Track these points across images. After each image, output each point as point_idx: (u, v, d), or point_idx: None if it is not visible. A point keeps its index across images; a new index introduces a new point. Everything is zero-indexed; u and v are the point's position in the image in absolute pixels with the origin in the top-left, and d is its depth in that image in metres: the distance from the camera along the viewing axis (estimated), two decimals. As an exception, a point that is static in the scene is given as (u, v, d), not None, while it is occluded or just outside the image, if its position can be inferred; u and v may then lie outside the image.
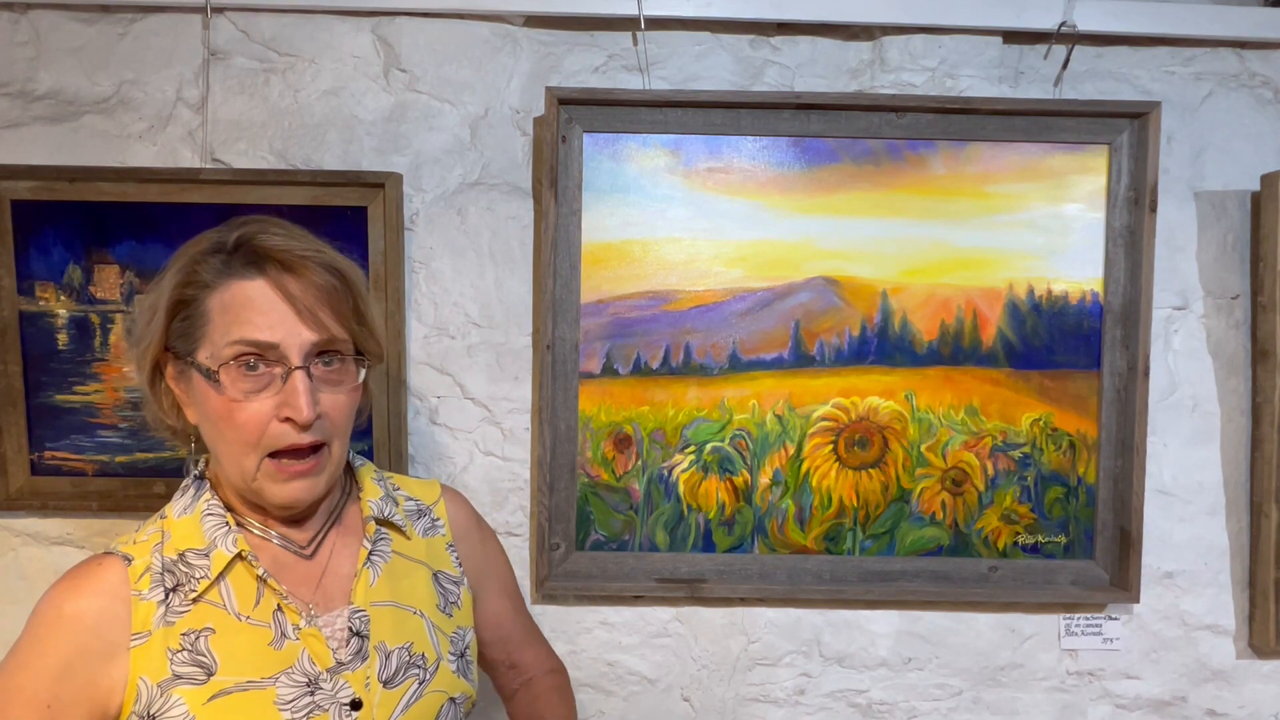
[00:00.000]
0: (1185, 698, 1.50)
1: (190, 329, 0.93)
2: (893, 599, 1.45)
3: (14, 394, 1.39)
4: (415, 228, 1.44)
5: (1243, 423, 1.49)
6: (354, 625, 0.97)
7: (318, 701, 0.93)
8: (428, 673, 1.00)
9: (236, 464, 0.94)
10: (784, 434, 1.44)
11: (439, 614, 1.06)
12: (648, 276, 1.42)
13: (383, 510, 1.06)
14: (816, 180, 1.42)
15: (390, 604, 1.01)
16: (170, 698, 0.89)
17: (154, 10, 1.40)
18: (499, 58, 1.43)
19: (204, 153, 1.42)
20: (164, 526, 0.98)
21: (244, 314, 0.91)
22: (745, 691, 1.48)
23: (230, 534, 0.96)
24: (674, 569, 1.44)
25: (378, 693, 0.96)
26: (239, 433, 0.92)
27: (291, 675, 0.93)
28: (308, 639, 0.95)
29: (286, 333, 0.91)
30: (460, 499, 1.19)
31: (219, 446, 0.95)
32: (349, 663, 0.96)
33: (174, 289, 0.93)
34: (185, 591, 0.93)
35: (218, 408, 0.92)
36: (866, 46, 1.45)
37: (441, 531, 1.13)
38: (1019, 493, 1.45)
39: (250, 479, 0.94)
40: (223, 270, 0.93)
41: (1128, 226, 1.42)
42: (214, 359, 0.91)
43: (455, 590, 1.10)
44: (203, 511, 0.98)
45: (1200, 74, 1.48)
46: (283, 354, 0.92)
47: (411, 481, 1.16)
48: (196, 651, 0.91)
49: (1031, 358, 1.44)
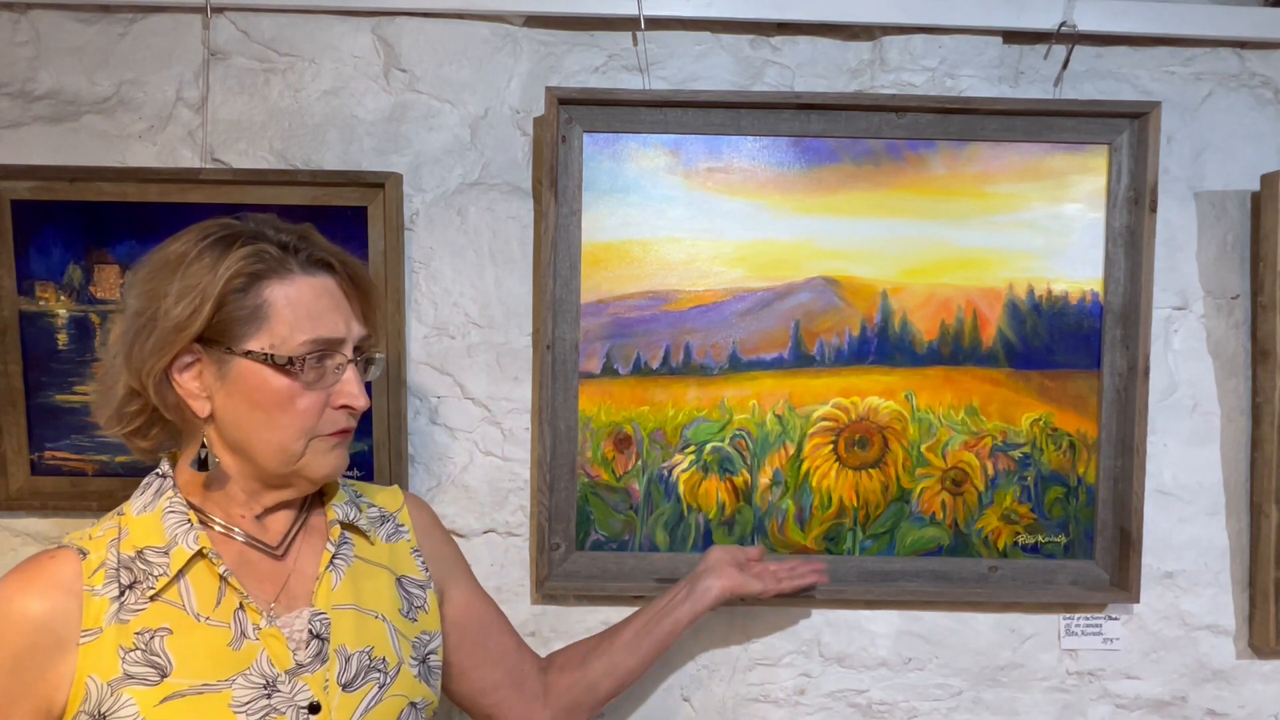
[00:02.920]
0: (1185, 698, 1.50)
1: (238, 318, 0.93)
2: (893, 599, 1.45)
3: (14, 394, 1.39)
4: (415, 228, 1.44)
5: (1243, 423, 1.49)
6: (314, 628, 0.97)
7: (274, 704, 0.92)
8: (388, 676, 0.99)
9: (284, 448, 0.96)
10: (784, 434, 1.44)
11: (402, 619, 1.05)
12: (648, 276, 1.42)
13: (347, 515, 1.06)
14: (816, 180, 1.42)
15: (352, 607, 1.01)
16: (121, 697, 0.88)
17: (154, 10, 1.40)
18: (499, 58, 1.43)
19: (204, 153, 1.42)
20: (122, 523, 0.97)
21: (316, 308, 0.96)
22: (745, 691, 1.48)
23: (191, 531, 0.96)
24: (674, 569, 1.44)
25: (336, 696, 0.95)
26: (299, 418, 0.95)
27: (249, 677, 0.92)
28: (268, 639, 0.94)
29: (348, 328, 0.99)
30: (422, 504, 1.21)
31: (263, 433, 0.95)
32: (308, 665, 0.95)
33: (230, 276, 0.92)
34: (142, 589, 0.93)
35: (278, 395, 0.94)
36: (866, 46, 1.45)
37: (406, 536, 1.13)
38: (1019, 493, 1.45)
39: (296, 460, 0.97)
40: (284, 261, 0.95)
41: (1128, 226, 1.42)
42: (280, 348, 0.93)
43: (421, 594, 1.10)
44: (164, 509, 0.97)
45: (1200, 74, 1.48)
46: (342, 345, 0.98)
47: (375, 489, 1.18)
48: (151, 651, 0.91)
49: (1031, 358, 1.44)
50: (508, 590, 1.46)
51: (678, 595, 1.28)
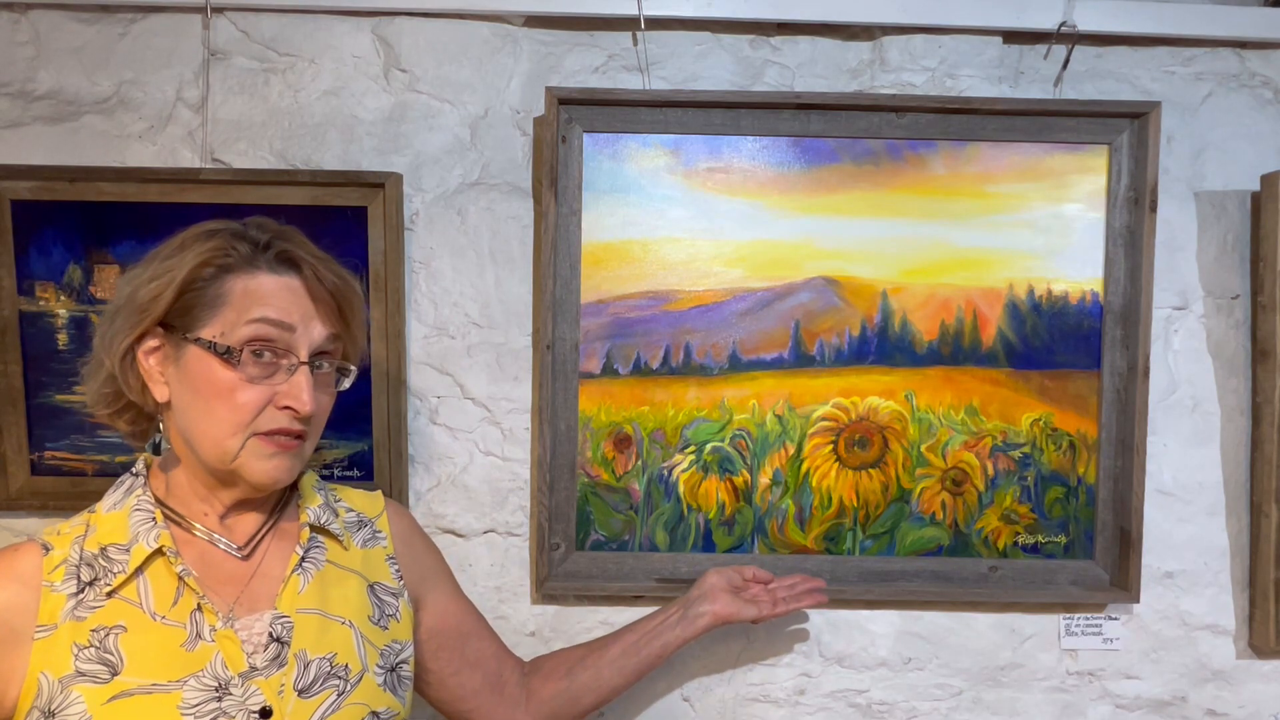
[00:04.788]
0: (1185, 698, 1.50)
1: (197, 305, 0.94)
2: (893, 599, 1.45)
3: (14, 394, 1.39)
4: (415, 228, 1.44)
5: (1243, 423, 1.49)
6: (275, 631, 0.96)
7: (224, 708, 0.91)
8: (349, 684, 0.98)
9: (219, 443, 0.95)
10: (784, 434, 1.44)
11: (371, 625, 1.04)
12: (648, 276, 1.42)
13: (319, 518, 1.06)
14: (816, 180, 1.42)
15: (317, 612, 1.00)
16: (70, 695, 0.88)
17: (154, 10, 1.40)
18: (499, 58, 1.43)
19: (204, 153, 1.42)
20: (90, 520, 0.98)
21: (269, 300, 0.95)
22: (745, 691, 1.48)
23: (154, 530, 0.96)
24: (674, 569, 1.44)
25: (291, 701, 0.93)
26: (235, 412, 0.94)
27: (201, 679, 0.91)
28: (223, 641, 0.93)
29: (302, 323, 0.96)
30: (403, 511, 1.20)
31: (202, 424, 0.95)
32: (264, 669, 0.94)
33: (195, 265, 0.94)
34: (101, 586, 0.93)
35: (218, 385, 0.93)
36: (866, 46, 1.45)
37: (383, 543, 1.12)
38: (1019, 493, 1.45)
39: (231, 458, 0.95)
40: (252, 259, 0.96)
41: (1128, 226, 1.43)
42: (226, 337, 0.93)
43: (393, 603, 1.08)
44: (131, 507, 0.98)
45: (1200, 74, 1.48)
46: (293, 345, 0.96)
47: (355, 493, 1.16)
48: (104, 649, 0.90)
49: (1031, 358, 1.44)
50: (507, 590, 1.46)
51: (670, 618, 1.28)
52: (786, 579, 1.34)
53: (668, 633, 1.27)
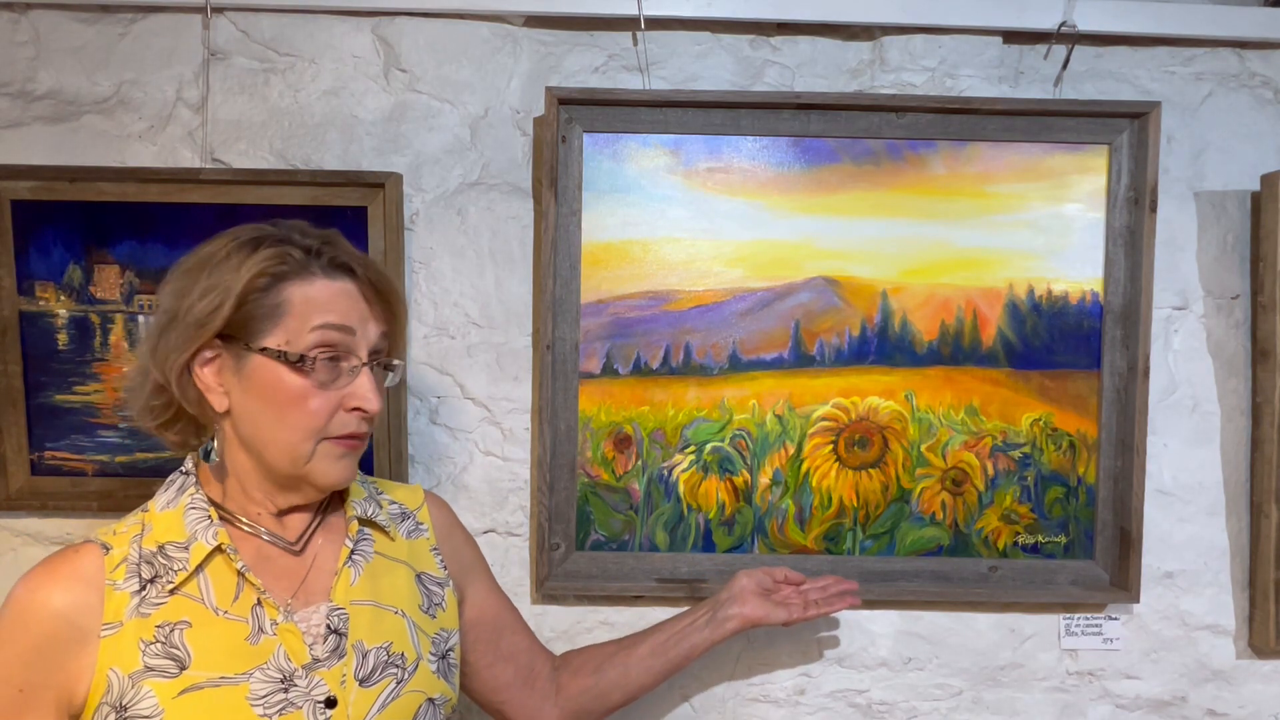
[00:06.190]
0: (1185, 698, 1.50)
1: (257, 315, 0.95)
2: (893, 599, 1.45)
3: (14, 394, 1.39)
4: (415, 228, 1.44)
5: (1243, 423, 1.49)
6: (331, 623, 0.98)
7: (291, 699, 0.93)
8: (406, 672, 1.00)
9: (292, 449, 0.96)
10: (784, 434, 1.44)
11: (421, 614, 1.06)
12: (648, 276, 1.42)
13: (366, 510, 1.07)
14: (816, 180, 1.42)
15: (370, 603, 1.02)
16: (141, 689, 0.90)
17: (154, 10, 1.40)
18: (499, 58, 1.43)
19: (204, 153, 1.42)
20: (145, 519, 0.99)
21: (330, 305, 0.96)
22: (745, 691, 1.48)
23: (211, 528, 0.97)
24: (674, 569, 1.44)
25: (353, 691, 0.96)
26: (309, 418, 0.95)
27: (266, 671, 0.93)
28: (284, 634, 0.95)
29: (360, 325, 0.98)
30: (442, 503, 1.21)
31: (272, 431, 0.96)
32: (325, 660, 0.96)
33: (252, 276, 0.94)
34: (163, 583, 0.94)
35: (290, 392, 0.95)
36: (866, 46, 1.45)
37: (425, 534, 1.14)
38: (1019, 493, 1.45)
39: (304, 462, 0.97)
40: (306, 265, 0.96)
41: (1128, 226, 1.43)
42: (292, 345, 0.94)
43: (439, 592, 1.11)
44: (186, 505, 0.99)
45: (1200, 74, 1.48)
46: (354, 347, 0.98)
47: (395, 486, 1.19)
48: (170, 644, 0.92)
49: (1031, 358, 1.44)
50: (508, 590, 1.44)
51: (699, 619, 1.28)
52: (819, 580, 1.33)
53: (696, 634, 1.27)
